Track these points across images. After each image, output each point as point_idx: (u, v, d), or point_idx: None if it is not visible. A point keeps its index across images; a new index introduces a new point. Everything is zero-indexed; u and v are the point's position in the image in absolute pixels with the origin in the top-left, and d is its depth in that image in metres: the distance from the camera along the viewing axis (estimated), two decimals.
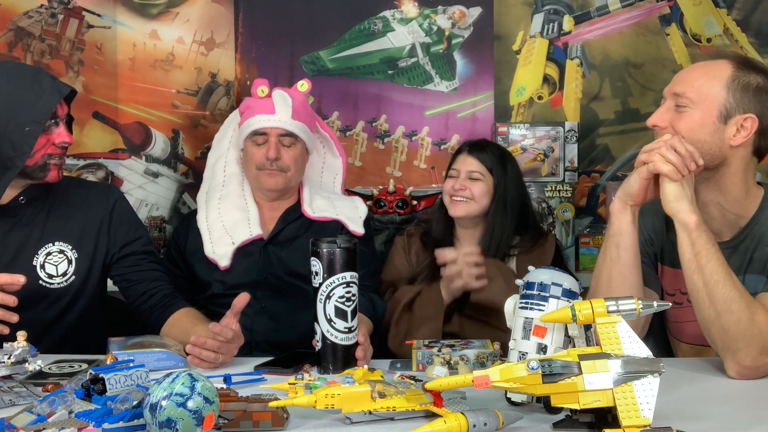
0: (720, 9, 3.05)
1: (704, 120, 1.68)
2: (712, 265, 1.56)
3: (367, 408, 1.28)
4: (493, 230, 2.40)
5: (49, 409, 1.25)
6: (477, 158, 2.44)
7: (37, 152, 1.88)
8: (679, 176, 1.60)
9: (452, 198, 2.43)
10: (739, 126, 1.68)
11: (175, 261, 2.34)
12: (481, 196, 2.41)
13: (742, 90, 1.67)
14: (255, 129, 2.29)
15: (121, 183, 3.02)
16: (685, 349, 1.85)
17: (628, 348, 1.23)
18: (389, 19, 3.05)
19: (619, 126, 3.10)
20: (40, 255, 1.96)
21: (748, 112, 1.67)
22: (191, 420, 1.12)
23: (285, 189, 2.34)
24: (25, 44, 2.95)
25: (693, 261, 1.58)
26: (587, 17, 3.09)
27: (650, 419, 1.17)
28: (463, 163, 2.45)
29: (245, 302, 1.74)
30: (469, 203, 2.41)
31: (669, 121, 1.72)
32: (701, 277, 1.56)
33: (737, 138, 1.68)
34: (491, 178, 2.43)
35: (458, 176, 2.44)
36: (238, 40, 3.05)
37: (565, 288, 1.35)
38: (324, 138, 2.49)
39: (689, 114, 1.69)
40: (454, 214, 2.43)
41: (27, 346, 1.53)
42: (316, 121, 2.44)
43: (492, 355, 1.69)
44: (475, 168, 2.43)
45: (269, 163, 2.28)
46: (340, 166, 2.53)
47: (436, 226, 2.51)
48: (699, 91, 1.69)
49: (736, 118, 1.67)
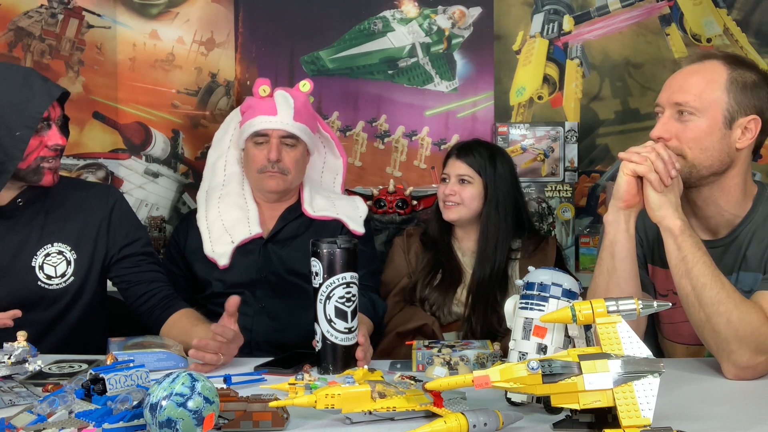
0: (720, 9, 3.05)
1: (711, 128, 1.66)
2: (699, 268, 1.55)
3: (367, 408, 1.28)
4: (487, 231, 2.41)
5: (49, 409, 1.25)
6: (465, 161, 2.45)
7: (30, 155, 1.86)
8: (663, 187, 1.59)
9: (445, 203, 2.46)
10: (744, 128, 1.67)
11: (175, 260, 2.34)
12: (471, 200, 2.43)
13: (741, 90, 1.66)
14: (256, 130, 2.29)
15: (121, 183, 3.02)
16: (680, 350, 1.84)
17: (628, 348, 1.23)
18: (389, 19, 3.06)
19: (619, 126, 3.10)
20: (39, 256, 1.96)
21: (750, 113, 1.66)
22: (191, 420, 1.12)
23: (286, 191, 2.34)
24: (25, 44, 2.95)
25: (680, 265, 1.57)
26: (587, 17, 3.09)
27: (650, 419, 1.17)
28: (453, 167, 2.47)
29: (237, 304, 1.73)
30: (460, 207, 2.43)
31: (674, 133, 1.68)
32: (689, 281, 1.56)
33: (743, 140, 1.67)
34: (481, 180, 2.44)
35: (449, 181, 2.46)
36: (238, 40, 3.05)
37: (565, 288, 1.35)
38: (325, 138, 2.49)
39: (695, 123, 1.66)
40: (447, 218, 2.46)
41: (27, 346, 1.53)
42: (317, 121, 2.44)
43: (492, 356, 1.69)
44: (464, 171, 2.44)
45: (270, 164, 2.27)
46: (340, 166, 2.53)
47: (434, 228, 2.52)
48: (701, 98, 1.66)
49: (740, 120, 1.66)
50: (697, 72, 1.69)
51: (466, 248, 2.50)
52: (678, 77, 1.72)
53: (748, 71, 1.68)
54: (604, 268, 1.67)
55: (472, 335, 2.31)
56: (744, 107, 1.66)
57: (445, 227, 2.51)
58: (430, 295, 2.40)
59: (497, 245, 2.40)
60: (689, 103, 1.66)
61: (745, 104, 1.66)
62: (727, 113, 1.65)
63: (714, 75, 1.67)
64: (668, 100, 1.70)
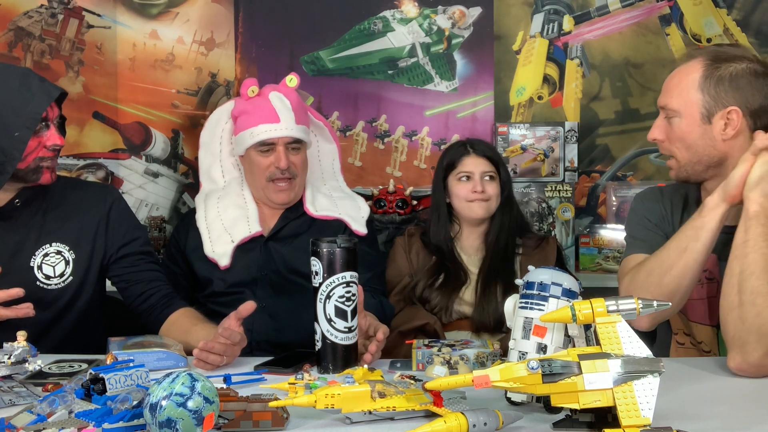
0: (720, 9, 3.05)
1: (690, 126, 1.74)
2: (754, 256, 1.57)
3: (367, 408, 1.28)
4: (501, 227, 2.45)
5: (49, 409, 1.25)
6: (486, 157, 2.47)
7: (29, 156, 1.86)
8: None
9: (473, 201, 2.44)
10: (725, 120, 1.71)
11: (176, 259, 2.34)
12: (497, 195, 2.47)
13: (716, 85, 1.71)
14: (262, 140, 2.26)
15: (121, 183, 3.02)
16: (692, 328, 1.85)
17: (628, 348, 1.23)
18: (389, 19, 3.06)
19: (619, 126, 3.10)
20: (38, 256, 1.96)
21: (729, 105, 1.71)
22: (191, 420, 1.12)
23: (294, 199, 2.33)
24: (25, 44, 2.95)
25: (739, 247, 1.60)
26: (587, 17, 3.09)
27: (650, 419, 1.17)
28: (474, 165, 2.46)
29: (251, 311, 1.73)
30: (489, 203, 2.45)
31: (665, 133, 1.79)
32: (740, 264, 1.58)
33: (728, 131, 1.72)
34: (499, 175, 2.47)
35: (473, 178, 2.45)
36: (238, 40, 3.05)
37: (565, 288, 1.35)
38: (316, 125, 2.47)
39: (676, 124, 1.76)
40: (477, 215, 2.45)
41: (27, 346, 1.53)
42: (308, 112, 2.44)
43: (492, 355, 1.69)
44: (488, 168, 2.46)
45: (280, 172, 2.27)
46: (335, 150, 2.52)
47: (437, 234, 2.49)
48: (678, 99, 1.75)
49: (719, 114, 1.71)
50: (677, 74, 1.78)
51: (469, 246, 2.50)
52: (667, 79, 1.81)
53: (727, 64, 1.72)
54: (677, 243, 1.68)
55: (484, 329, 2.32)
56: (721, 101, 1.71)
57: (448, 230, 2.49)
58: (433, 296, 2.40)
59: (507, 241, 2.45)
60: (668, 105, 1.77)
61: (722, 98, 1.71)
62: (703, 110, 1.72)
63: (689, 75, 1.75)
64: (658, 103, 1.80)
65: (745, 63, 1.73)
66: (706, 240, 1.66)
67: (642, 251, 1.83)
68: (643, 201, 1.95)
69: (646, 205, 1.93)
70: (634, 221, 1.93)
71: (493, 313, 2.32)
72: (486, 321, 2.32)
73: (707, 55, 1.75)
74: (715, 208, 1.66)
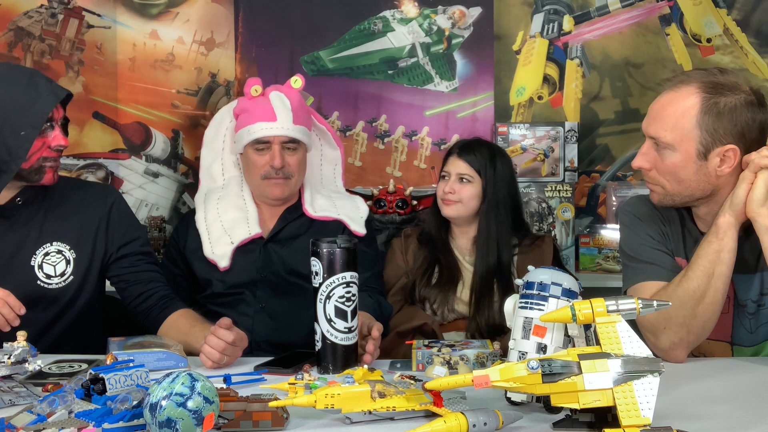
0: (720, 9, 3.05)
1: (685, 161, 1.67)
2: None
3: (367, 408, 1.28)
4: (488, 230, 2.42)
5: (49, 409, 1.25)
6: (465, 160, 2.46)
7: (33, 155, 1.87)
8: None
9: (443, 200, 2.46)
10: (722, 157, 1.66)
11: (175, 260, 2.34)
12: (469, 199, 2.44)
13: (714, 120, 1.64)
14: (257, 137, 2.26)
15: (121, 183, 3.02)
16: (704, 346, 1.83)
17: (628, 348, 1.23)
18: (389, 19, 3.05)
19: (619, 126, 3.10)
20: (38, 255, 1.96)
21: (727, 142, 1.65)
22: (191, 420, 1.12)
23: (290, 196, 2.33)
24: (25, 44, 2.95)
25: None
26: (587, 17, 3.09)
27: (650, 419, 1.17)
28: (453, 165, 2.47)
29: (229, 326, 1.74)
30: (459, 205, 2.45)
31: (652, 162, 1.71)
32: None
33: (723, 168, 1.67)
34: (480, 180, 2.44)
35: (449, 178, 2.46)
36: (238, 40, 3.05)
37: (564, 288, 1.36)
38: (320, 130, 2.48)
39: (669, 158, 1.68)
40: (446, 215, 2.48)
41: (27, 346, 1.53)
42: (312, 116, 2.43)
43: (492, 355, 1.69)
44: (464, 170, 2.45)
45: (274, 171, 2.27)
46: (338, 156, 2.52)
47: (431, 225, 2.53)
48: (672, 133, 1.66)
49: (717, 150, 1.65)
50: (671, 102, 1.68)
51: (463, 246, 2.50)
52: (656, 105, 1.72)
53: (725, 96, 1.65)
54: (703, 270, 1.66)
55: (479, 334, 2.31)
56: (719, 137, 1.65)
57: (442, 224, 2.52)
58: (431, 293, 2.41)
59: (498, 243, 2.41)
60: (662, 139, 1.68)
61: (720, 133, 1.64)
62: (700, 146, 1.66)
63: (687, 106, 1.66)
64: (647, 130, 1.72)
65: (742, 95, 1.66)
66: (730, 261, 1.65)
67: (654, 278, 1.75)
68: (636, 216, 1.85)
69: (644, 221, 1.83)
70: (636, 242, 1.82)
71: (487, 320, 2.33)
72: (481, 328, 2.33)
73: (702, 85, 1.67)
74: (729, 228, 1.65)
